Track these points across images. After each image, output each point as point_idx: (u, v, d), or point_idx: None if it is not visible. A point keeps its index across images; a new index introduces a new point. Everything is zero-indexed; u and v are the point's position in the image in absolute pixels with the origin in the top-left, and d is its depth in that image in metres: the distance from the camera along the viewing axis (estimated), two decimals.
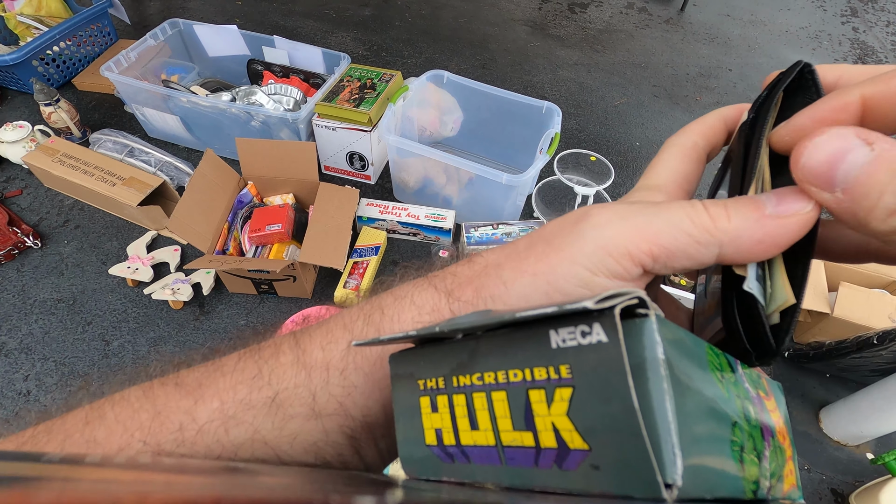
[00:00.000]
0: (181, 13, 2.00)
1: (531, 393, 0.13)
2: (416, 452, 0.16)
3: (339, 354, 0.20)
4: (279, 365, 0.20)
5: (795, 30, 2.32)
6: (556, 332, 0.13)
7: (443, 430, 0.15)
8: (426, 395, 0.16)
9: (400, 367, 0.17)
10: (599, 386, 0.12)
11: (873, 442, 1.02)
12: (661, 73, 1.96)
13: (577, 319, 0.12)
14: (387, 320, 0.20)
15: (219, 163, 1.15)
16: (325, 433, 0.20)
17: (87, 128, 1.47)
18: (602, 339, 0.12)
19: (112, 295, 1.13)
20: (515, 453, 0.13)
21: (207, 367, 0.21)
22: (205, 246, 1.05)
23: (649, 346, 0.12)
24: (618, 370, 0.11)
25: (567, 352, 0.12)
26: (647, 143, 1.64)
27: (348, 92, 1.28)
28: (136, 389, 0.21)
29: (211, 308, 1.13)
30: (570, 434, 0.12)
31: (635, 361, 0.12)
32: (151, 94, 1.30)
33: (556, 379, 0.12)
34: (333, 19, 2.07)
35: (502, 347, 0.14)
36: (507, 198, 1.18)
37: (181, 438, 0.19)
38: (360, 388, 0.20)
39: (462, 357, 0.15)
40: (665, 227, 0.16)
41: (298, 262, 1.04)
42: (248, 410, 0.20)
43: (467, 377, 0.15)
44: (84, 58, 1.63)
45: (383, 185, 1.42)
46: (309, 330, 0.22)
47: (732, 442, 0.14)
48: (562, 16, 2.24)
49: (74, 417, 0.20)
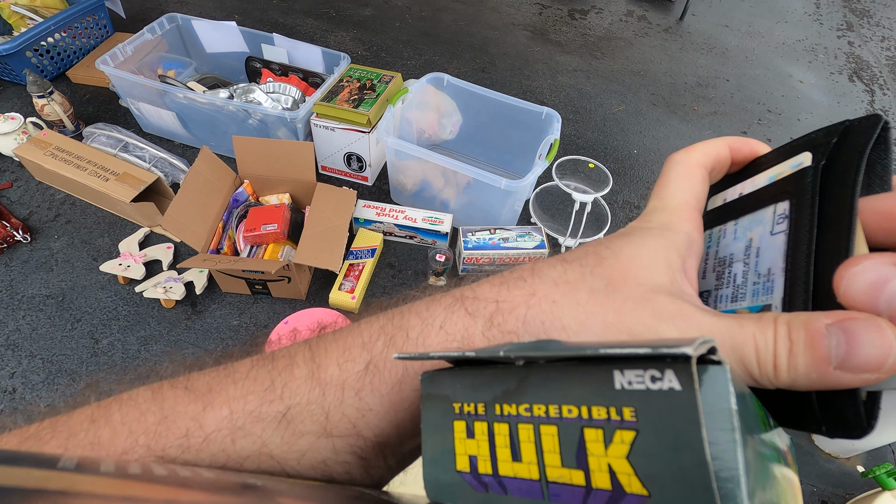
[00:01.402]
0: (179, 8, 1.98)
1: (587, 431, 0.13)
2: (444, 477, 0.16)
3: (356, 374, 0.20)
4: (293, 378, 0.20)
5: (792, 42, 2.34)
6: (621, 374, 0.12)
7: (478, 457, 0.15)
8: (461, 420, 0.15)
9: (433, 388, 0.17)
10: (668, 434, 0.11)
11: (864, 455, 1.03)
12: (659, 81, 1.97)
13: (646, 363, 0.12)
14: (410, 344, 0.20)
15: (215, 160, 1.13)
16: (335, 452, 0.19)
17: (81, 121, 1.45)
18: (675, 386, 0.12)
19: (102, 292, 1.11)
20: (561, 490, 0.13)
21: (219, 372, 0.21)
22: (199, 245, 1.03)
23: (723, 395, 0.12)
24: (691, 420, 0.11)
25: (633, 395, 0.12)
26: (644, 151, 1.65)
27: (347, 92, 1.27)
28: (146, 390, 0.20)
29: (203, 307, 1.11)
30: (629, 478, 0.12)
31: (707, 410, 0.11)
32: (147, 89, 1.28)
33: (618, 421, 0.12)
34: (333, 18, 2.06)
35: (557, 381, 0.14)
36: (504, 203, 1.18)
37: (186, 445, 0.19)
38: (374, 411, 0.19)
39: (509, 385, 0.15)
40: (733, 358, 0.16)
41: (293, 263, 1.03)
42: (258, 423, 0.19)
43: (513, 406, 0.14)
44: (79, 50, 1.61)
45: (381, 187, 1.41)
46: (325, 342, 0.21)
47: (775, 493, 0.14)
48: (562, 22, 2.25)
49: (80, 415, 0.19)
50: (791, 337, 0.15)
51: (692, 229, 0.20)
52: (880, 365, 0.14)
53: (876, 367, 0.14)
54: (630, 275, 0.18)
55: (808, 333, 0.15)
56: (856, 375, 0.14)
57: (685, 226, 0.19)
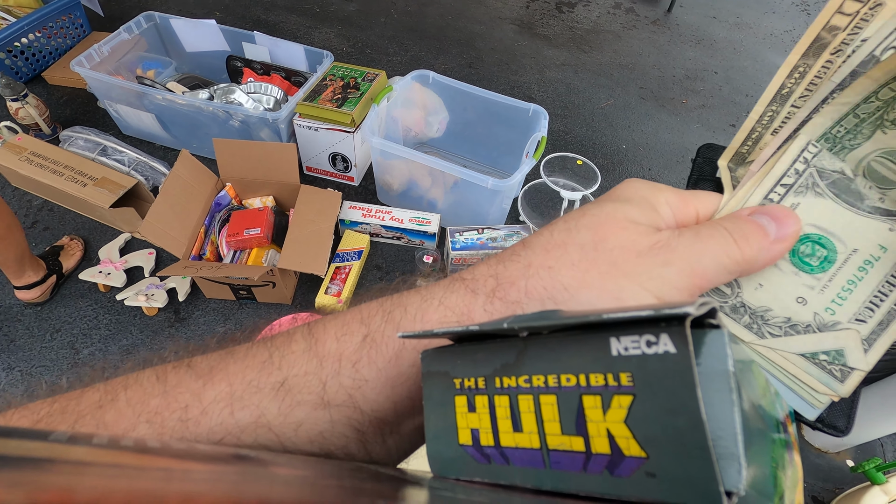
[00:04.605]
0: (158, 6, 1.94)
1: (585, 398, 0.13)
2: (447, 451, 0.16)
3: (353, 347, 0.20)
4: (290, 352, 0.20)
5: (780, 33, 2.34)
6: (617, 340, 0.13)
7: (480, 430, 0.15)
8: (462, 395, 0.16)
9: (433, 365, 0.17)
10: (664, 396, 0.12)
11: (853, 450, 1.03)
12: (647, 74, 1.95)
13: (641, 328, 0.12)
14: (408, 318, 0.20)
15: (195, 164, 1.11)
16: (332, 423, 0.20)
17: (58, 124, 1.41)
18: (670, 350, 0.12)
19: (82, 301, 1.09)
20: (562, 457, 0.13)
21: (220, 353, 0.21)
22: (180, 251, 1.01)
23: (720, 358, 0.12)
24: (686, 382, 0.11)
25: (630, 360, 0.12)
26: (633, 146, 1.64)
27: (331, 91, 1.25)
28: (150, 373, 0.21)
29: (187, 314, 1.09)
30: (627, 441, 0.12)
31: (704, 371, 0.12)
32: (125, 91, 1.25)
33: (615, 386, 0.13)
34: (317, 14, 2.02)
35: (555, 351, 0.14)
36: (492, 202, 1.16)
37: (185, 417, 0.19)
38: (371, 383, 0.20)
39: (508, 358, 0.15)
40: (711, 265, 0.18)
41: (278, 268, 1.01)
42: (255, 394, 0.19)
43: (513, 379, 0.15)
44: (55, 50, 1.57)
45: (367, 187, 1.39)
46: (324, 321, 0.22)
47: (772, 458, 0.14)
48: (549, 15, 2.23)
49: (89, 399, 0.20)
50: (737, 229, 0.19)
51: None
52: (797, 231, 0.20)
53: (796, 232, 0.20)
54: (612, 218, 0.19)
55: (750, 223, 0.19)
56: (787, 244, 0.19)
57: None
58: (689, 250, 0.19)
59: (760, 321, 0.21)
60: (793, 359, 0.20)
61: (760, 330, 0.21)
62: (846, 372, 0.19)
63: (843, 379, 0.19)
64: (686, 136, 1.70)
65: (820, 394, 0.20)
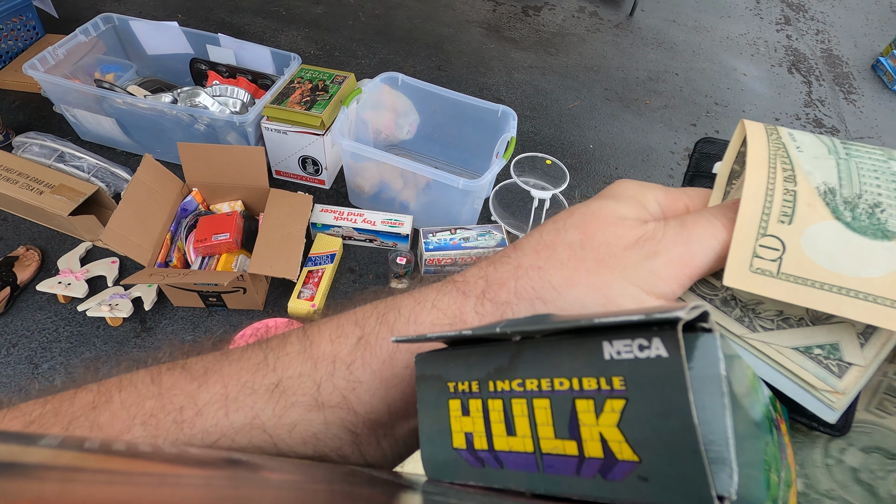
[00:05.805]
0: (117, 7, 1.88)
1: (578, 402, 0.13)
2: (441, 455, 0.16)
3: (348, 349, 0.20)
4: (285, 354, 0.21)
5: (735, 36, 2.43)
6: (609, 344, 0.13)
7: (474, 434, 0.15)
8: (456, 398, 0.16)
9: (427, 369, 0.17)
10: (657, 400, 0.12)
11: None
12: (612, 76, 2.00)
13: (634, 332, 0.12)
14: (402, 321, 0.20)
15: (159, 169, 1.08)
16: (326, 425, 0.20)
17: (11, 130, 1.35)
18: (662, 353, 0.12)
19: (41, 313, 1.04)
20: (555, 461, 0.13)
21: (215, 355, 0.21)
22: (144, 258, 0.98)
23: (712, 362, 0.12)
24: (678, 386, 0.11)
25: (622, 364, 0.12)
26: (600, 145, 1.68)
27: (299, 94, 1.24)
28: (145, 374, 0.21)
29: (154, 324, 1.06)
30: (620, 445, 0.12)
31: (696, 376, 0.12)
32: (83, 95, 1.21)
33: (608, 390, 0.13)
34: (283, 17, 2.00)
35: (548, 355, 0.14)
36: (464, 202, 1.17)
37: (180, 419, 0.19)
38: (365, 385, 0.20)
39: (501, 362, 0.15)
40: (699, 251, 0.19)
41: (248, 273, 0.99)
42: (250, 395, 0.20)
43: (506, 383, 0.15)
44: (5, 53, 1.50)
45: (338, 190, 1.38)
46: (318, 323, 0.22)
47: (765, 461, 0.14)
48: (515, 18, 2.26)
49: (82, 400, 0.20)
50: (723, 213, 0.20)
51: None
52: None
53: None
54: (598, 215, 0.20)
55: (735, 206, 0.19)
56: None
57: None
58: (675, 238, 0.19)
59: (752, 314, 0.20)
60: (787, 353, 0.19)
61: (752, 323, 0.20)
62: (843, 367, 0.19)
63: (841, 374, 0.19)
64: (650, 136, 1.75)
65: (824, 392, 0.19)
